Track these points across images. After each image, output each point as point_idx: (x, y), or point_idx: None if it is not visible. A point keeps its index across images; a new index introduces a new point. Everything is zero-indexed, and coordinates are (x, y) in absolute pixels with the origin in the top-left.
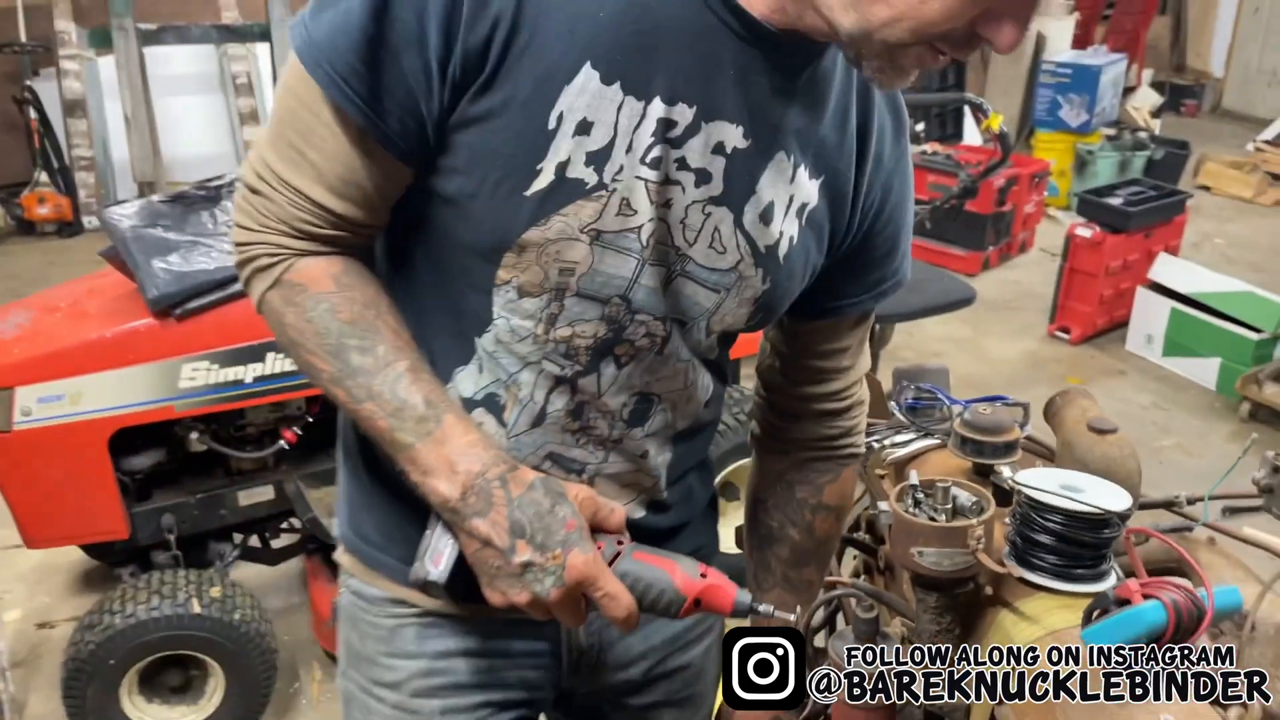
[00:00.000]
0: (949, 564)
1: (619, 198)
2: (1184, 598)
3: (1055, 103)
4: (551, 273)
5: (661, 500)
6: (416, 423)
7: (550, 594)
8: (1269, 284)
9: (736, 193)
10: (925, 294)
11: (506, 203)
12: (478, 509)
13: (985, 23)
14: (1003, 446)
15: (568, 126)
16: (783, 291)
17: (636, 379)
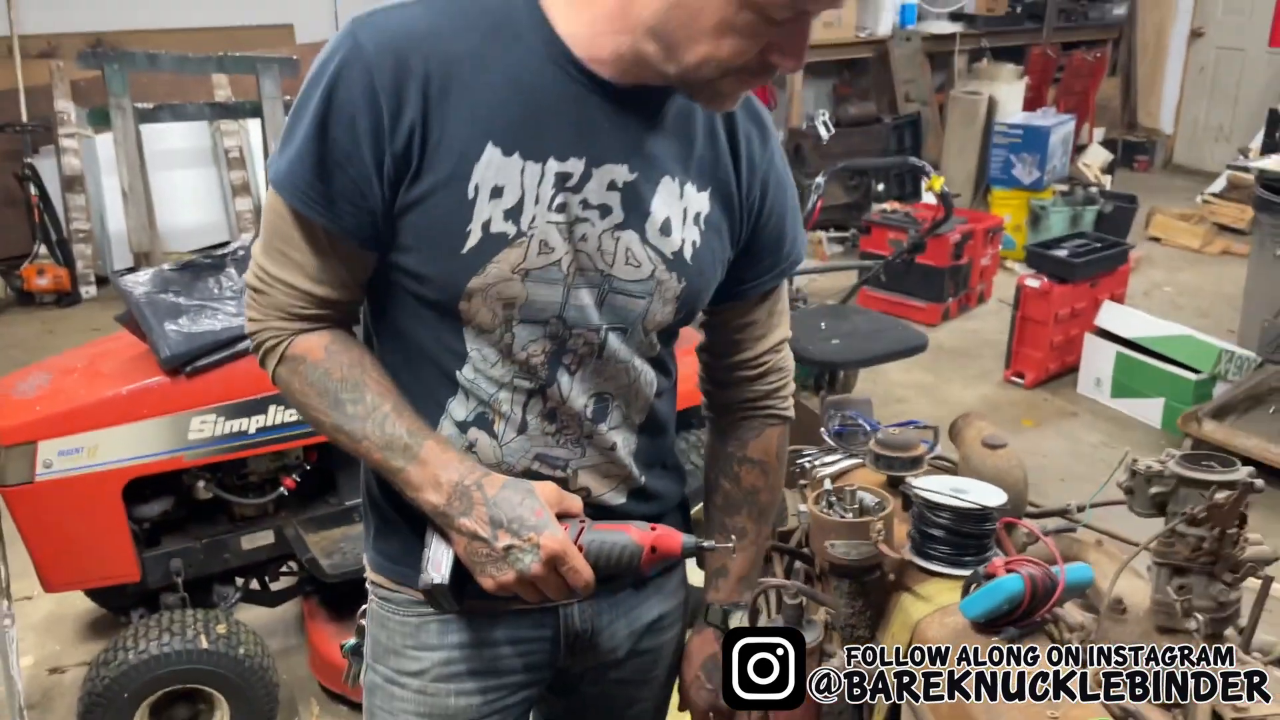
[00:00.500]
0: (855, 553)
1: (537, 241)
2: (1040, 572)
3: (1008, 161)
4: (497, 309)
5: (640, 487)
6: (403, 450)
7: (531, 569)
8: (1214, 328)
9: (635, 217)
10: (881, 341)
11: (450, 263)
12: (462, 510)
13: (771, 54)
14: (910, 461)
15: (484, 194)
16: (698, 287)
17: (589, 382)
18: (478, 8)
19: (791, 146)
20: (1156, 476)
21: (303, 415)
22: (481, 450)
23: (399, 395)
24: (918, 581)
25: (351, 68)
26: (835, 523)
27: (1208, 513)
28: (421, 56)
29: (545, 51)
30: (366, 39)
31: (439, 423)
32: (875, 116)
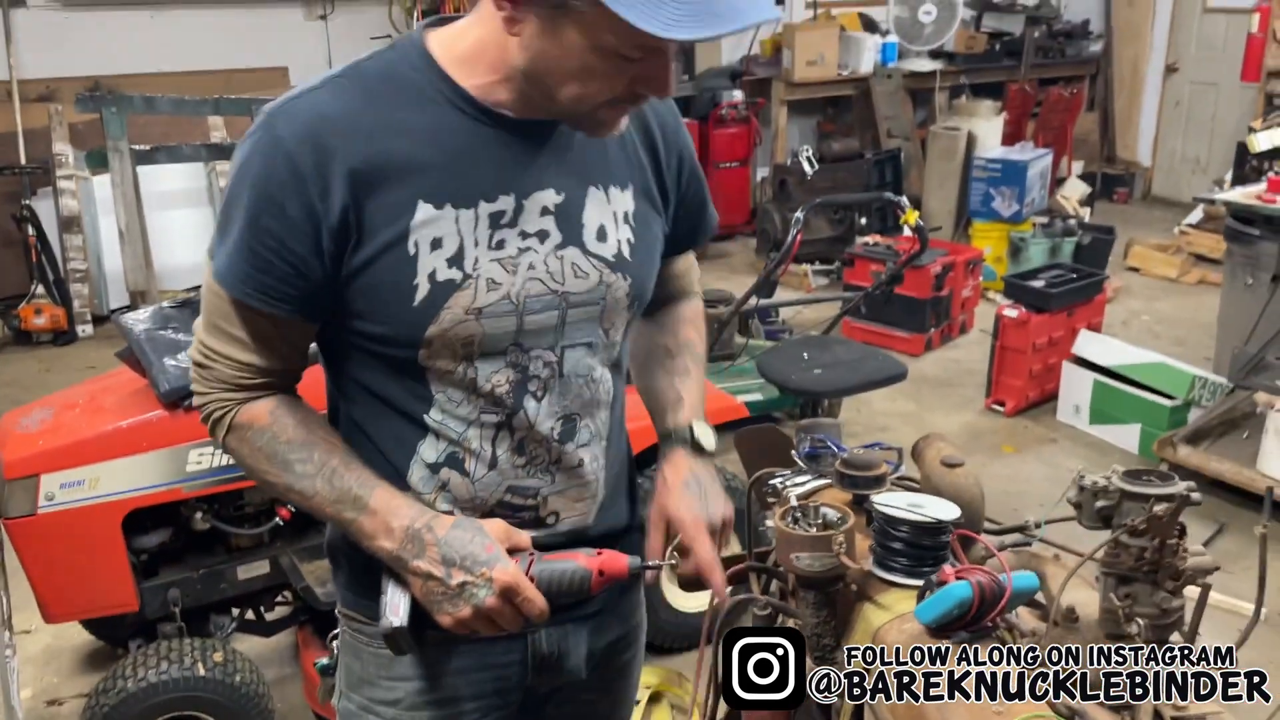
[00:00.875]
0: (819, 565)
1: (484, 280)
2: (988, 580)
3: (988, 195)
4: (457, 350)
5: (606, 505)
6: (353, 502)
7: (486, 602)
8: (1191, 356)
9: (572, 233)
10: (862, 371)
11: (403, 317)
12: (415, 552)
13: (638, 85)
14: (873, 479)
15: (424, 248)
16: (643, 279)
17: (556, 404)
18: (381, 79)
19: (776, 182)
20: (1102, 491)
21: (255, 479)
22: (455, 488)
23: (346, 450)
24: (879, 591)
25: (274, 160)
26: (799, 536)
27: (1148, 524)
28: (339, 136)
29: (454, 106)
30: (284, 130)
31: (410, 467)
32: (858, 152)
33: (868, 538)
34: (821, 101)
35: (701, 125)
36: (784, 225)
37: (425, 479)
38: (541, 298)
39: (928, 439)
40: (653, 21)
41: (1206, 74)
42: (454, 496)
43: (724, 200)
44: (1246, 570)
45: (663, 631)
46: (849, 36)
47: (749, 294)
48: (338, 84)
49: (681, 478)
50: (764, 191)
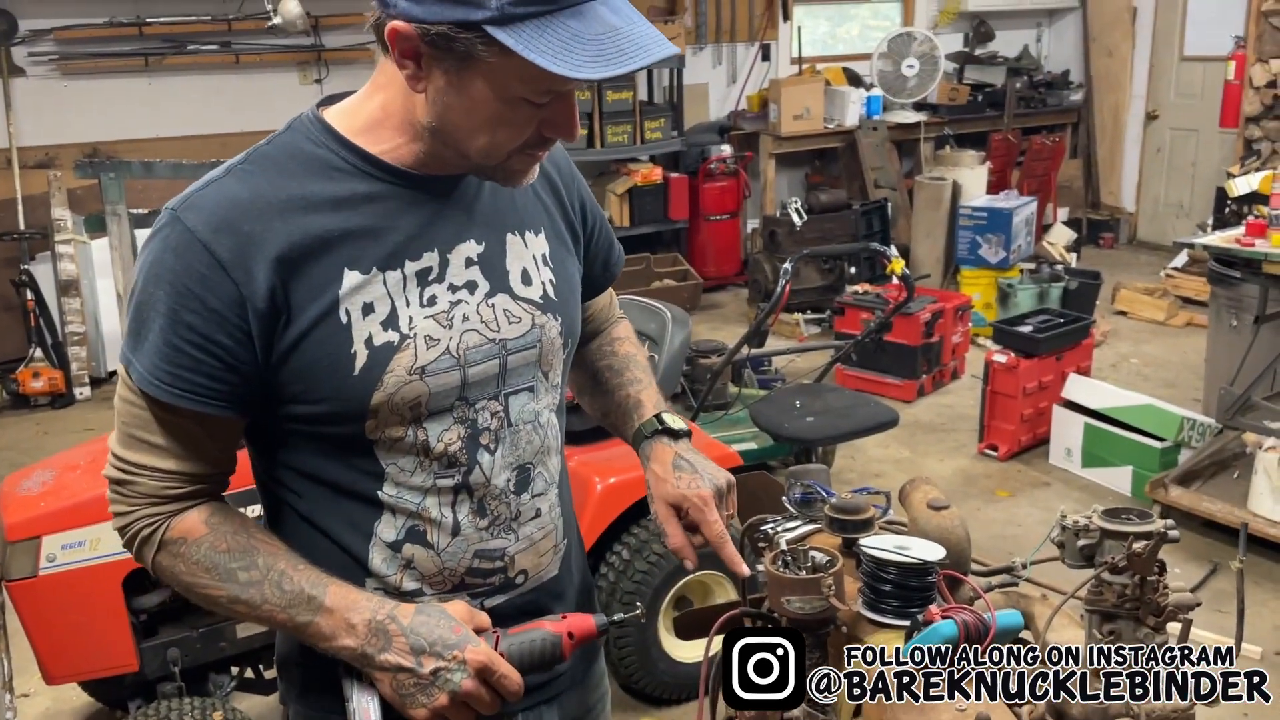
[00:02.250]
0: (808, 607)
1: (421, 338)
2: (972, 618)
3: (975, 242)
4: (405, 414)
5: (567, 552)
6: (307, 603)
7: (462, 686)
8: (1181, 398)
9: (498, 280)
10: (853, 418)
11: (346, 389)
12: (381, 646)
13: (547, 129)
14: (862, 523)
15: (356, 314)
16: (572, 316)
17: (509, 455)
18: (286, 156)
19: (766, 233)
20: (1083, 530)
21: (193, 599)
22: (420, 564)
23: (290, 551)
24: (868, 632)
25: (189, 253)
26: (789, 579)
27: (1128, 561)
28: (254, 220)
29: (365, 171)
30: (194, 221)
31: (369, 551)
32: (846, 203)
33: (857, 580)
34: (809, 154)
35: (691, 179)
36: (774, 275)
37: (388, 560)
38: (481, 348)
39: (914, 482)
40: (563, 65)
41: (1186, 120)
42: (420, 573)
43: (715, 252)
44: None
45: (660, 683)
46: (834, 90)
47: (740, 343)
48: (242, 170)
49: (669, 463)
50: (754, 243)
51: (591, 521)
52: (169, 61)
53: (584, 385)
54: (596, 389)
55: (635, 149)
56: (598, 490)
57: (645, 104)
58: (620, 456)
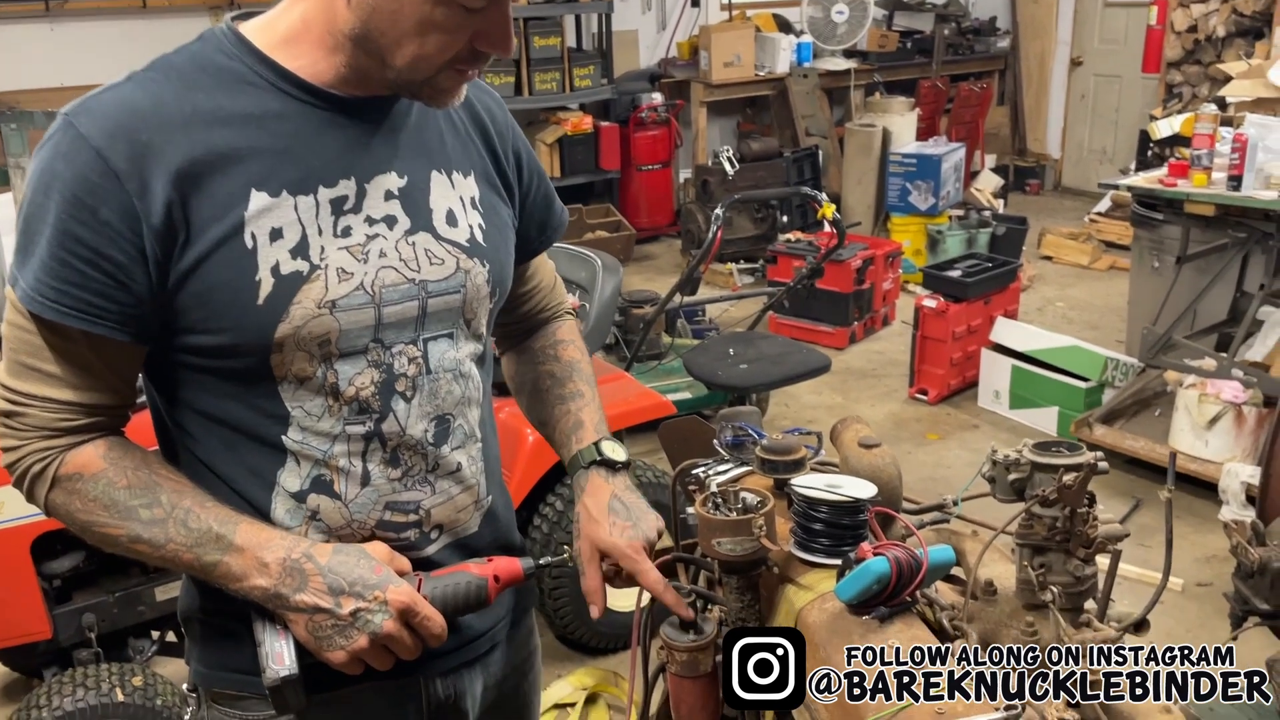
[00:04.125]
0: (740, 549)
1: (333, 270)
2: (905, 554)
3: (904, 189)
4: (313, 350)
5: (489, 509)
6: (215, 541)
7: (383, 627)
8: (1104, 339)
9: (421, 218)
10: (786, 365)
11: (248, 319)
12: (296, 586)
13: (478, 42)
14: (793, 464)
15: (263, 239)
16: (501, 265)
17: (426, 404)
18: (195, 67)
19: (699, 182)
20: (1013, 465)
21: (89, 538)
22: (326, 515)
23: (197, 488)
24: (800, 573)
25: (80, 161)
26: (720, 521)
27: (1058, 493)
28: (153, 129)
29: (279, 88)
30: (88, 128)
31: (272, 501)
32: (777, 151)
33: (789, 521)
34: (740, 102)
35: (622, 128)
36: (708, 225)
37: (291, 511)
38: (398, 287)
39: (844, 422)
40: None
41: (1109, 66)
42: (327, 525)
43: (647, 202)
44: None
45: (596, 632)
46: (764, 37)
47: (673, 291)
48: (145, 78)
49: (604, 504)
50: (687, 192)
51: (524, 474)
52: (71, 6)
53: (523, 387)
54: (536, 396)
55: (564, 97)
56: (529, 442)
57: (574, 51)
58: None
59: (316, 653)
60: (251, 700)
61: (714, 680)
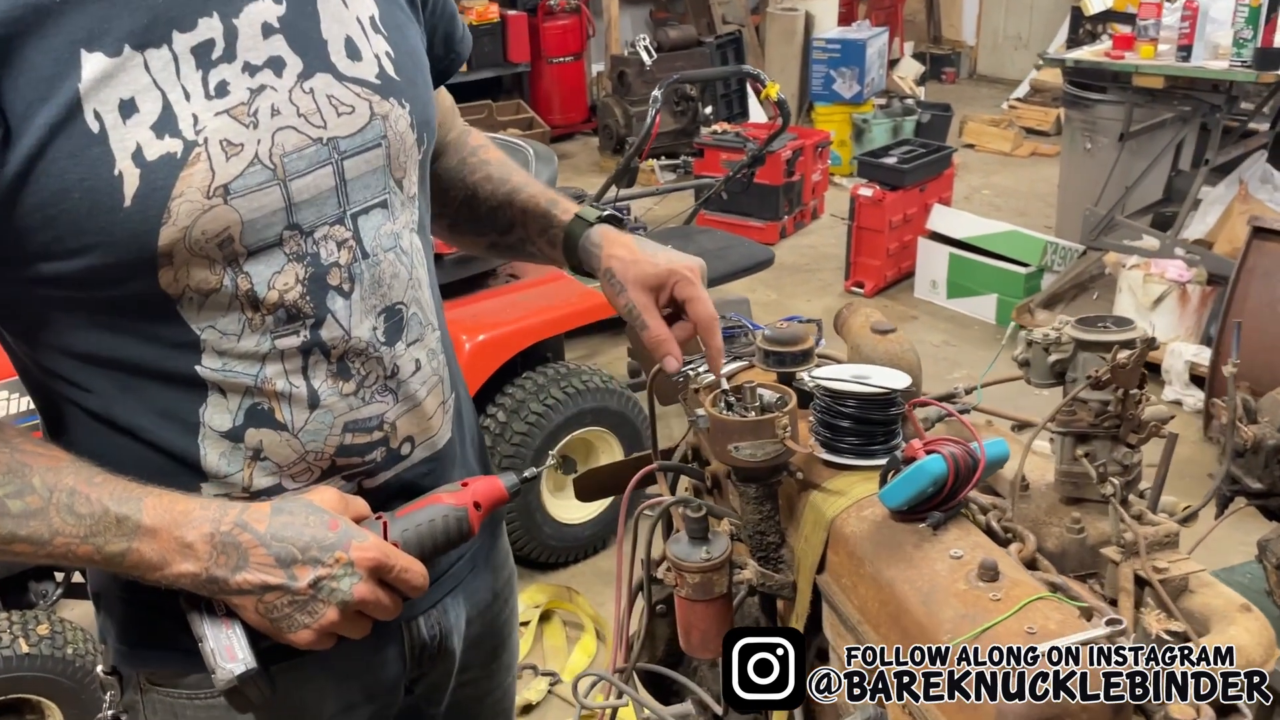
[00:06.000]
0: (761, 454)
1: (216, 143)
2: (960, 450)
3: (829, 77)
4: (213, 254)
5: (456, 409)
6: (116, 526)
7: (354, 594)
8: (1032, 225)
9: (313, 54)
10: (729, 260)
11: (118, 228)
12: (235, 564)
13: None
14: (801, 355)
15: (111, 116)
16: (423, 100)
17: (370, 296)
18: None
19: (615, 74)
20: (1055, 344)
21: None
22: (273, 451)
23: (79, 461)
24: (826, 477)
25: None
26: (738, 423)
27: (1111, 374)
28: None
29: None
30: None
31: (199, 445)
32: (696, 39)
33: (802, 420)
34: None
35: (530, 18)
36: (627, 119)
37: (227, 454)
38: (304, 152)
39: (851, 307)
40: None
41: None
42: (275, 464)
43: (560, 97)
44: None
45: (547, 547)
46: None
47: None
48: None
49: (632, 244)
50: (602, 86)
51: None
52: None
53: (458, 211)
54: (479, 208)
55: None
56: (466, 349)
57: None
58: (488, 311)
59: (275, 636)
60: (201, 676)
61: (727, 603)
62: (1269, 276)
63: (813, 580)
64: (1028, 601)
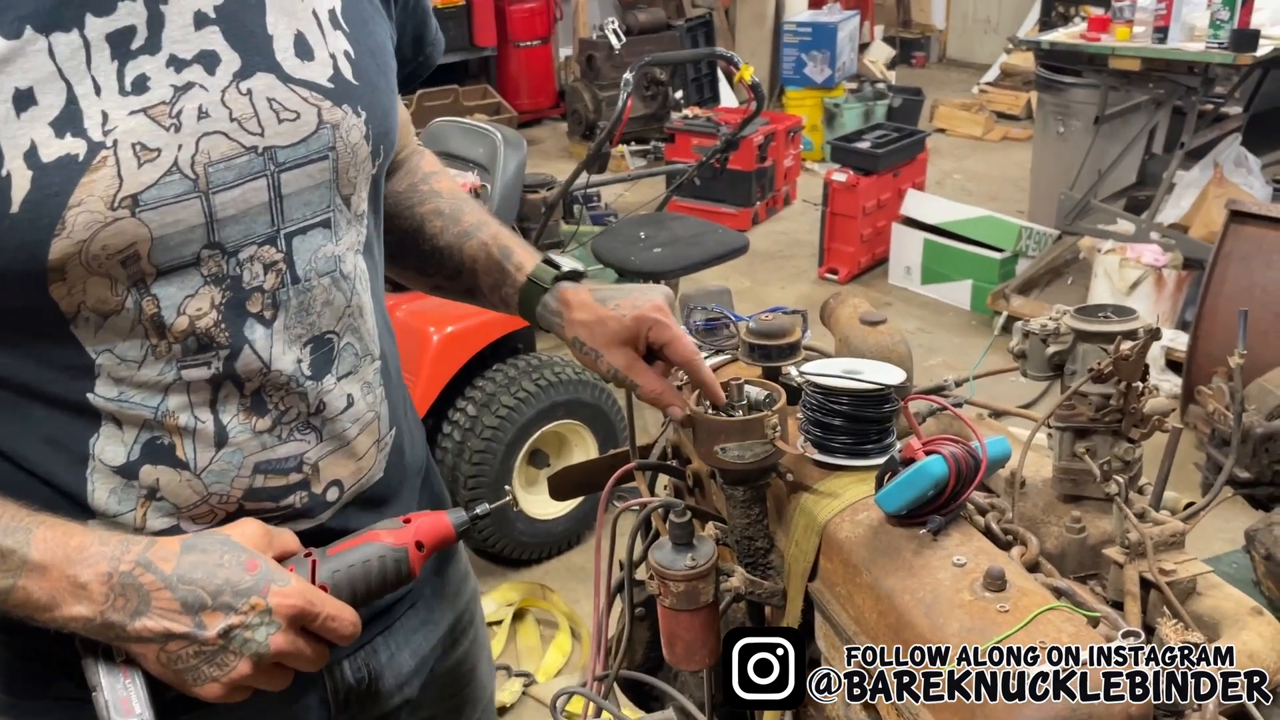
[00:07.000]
0: (750, 455)
1: (128, 146)
2: (961, 450)
3: (800, 61)
4: (115, 272)
5: (396, 444)
6: (2, 560)
7: (270, 645)
8: (1004, 210)
9: (255, 51)
10: (703, 246)
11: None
12: (135, 609)
13: None
14: (787, 348)
15: (3, 109)
16: (382, 107)
17: (296, 324)
18: None
19: (583, 59)
20: (1053, 335)
21: None
22: (170, 492)
23: None
24: (817, 478)
25: None
26: (724, 423)
27: (1114, 366)
28: None
29: None
30: None
31: (87, 480)
32: (666, 22)
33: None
34: None
35: (496, 1)
36: (596, 104)
37: (118, 491)
38: (233, 162)
39: (838, 296)
40: None
41: None
42: (172, 504)
43: (528, 82)
44: None
45: (518, 544)
46: None
47: (580, 169)
48: None
49: (592, 303)
50: (570, 70)
51: (429, 380)
52: None
53: (401, 243)
54: (423, 245)
55: None
56: (434, 343)
57: None
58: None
59: (180, 688)
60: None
61: (713, 612)
62: (1246, 260)
63: (804, 588)
64: (1038, 613)
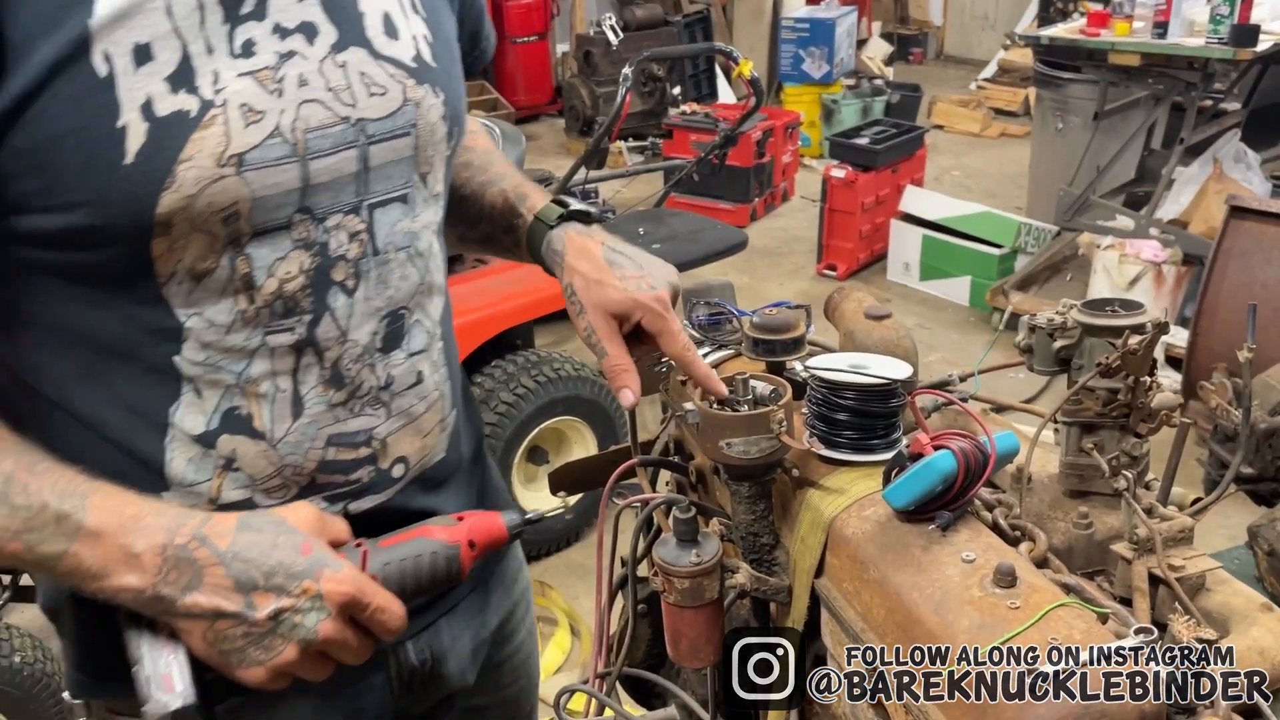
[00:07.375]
0: (756, 450)
1: (236, 106)
2: (970, 445)
3: (798, 57)
4: (216, 229)
5: (455, 428)
6: (55, 524)
7: (319, 632)
8: (1002, 206)
9: (349, 25)
10: (702, 243)
11: (112, 188)
12: (186, 584)
13: None
14: (792, 343)
15: (123, 62)
16: (456, 91)
17: (375, 297)
18: None
19: (581, 55)
20: (1060, 329)
21: None
22: (247, 463)
23: (22, 444)
24: (823, 474)
25: None
26: (730, 418)
27: (1122, 360)
28: None
29: None
30: None
31: (166, 450)
32: (663, 18)
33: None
34: None
35: None
36: (593, 100)
37: (196, 461)
38: (329, 131)
39: (842, 291)
40: None
41: None
42: (249, 476)
43: (525, 78)
44: None
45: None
46: None
47: (579, 164)
48: None
49: (599, 258)
50: (567, 66)
51: None
52: None
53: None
54: (451, 197)
55: None
56: None
57: None
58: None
59: (223, 670)
60: None
61: (718, 609)
62: (1246, 256)
63: (810, 585)
64: (1049, 610)
